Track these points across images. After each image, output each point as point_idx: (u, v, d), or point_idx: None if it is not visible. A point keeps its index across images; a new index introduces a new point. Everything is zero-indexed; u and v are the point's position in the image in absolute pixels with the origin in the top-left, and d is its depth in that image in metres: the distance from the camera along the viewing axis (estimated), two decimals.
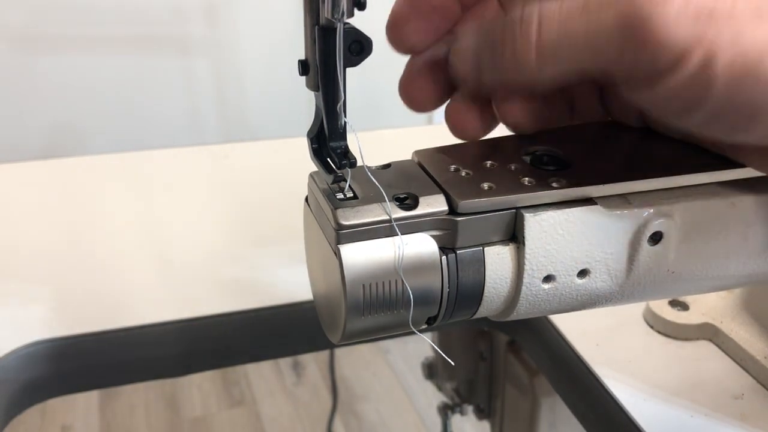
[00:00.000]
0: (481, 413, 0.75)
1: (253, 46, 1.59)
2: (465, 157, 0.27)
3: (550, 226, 0.25)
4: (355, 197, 0.25)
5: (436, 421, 0.78)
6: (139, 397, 1.58)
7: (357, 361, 1.68)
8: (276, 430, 1.51)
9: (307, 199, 0.28)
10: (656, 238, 0.26)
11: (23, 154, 1.50)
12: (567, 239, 0.25)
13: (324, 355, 1.53)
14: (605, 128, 0.29)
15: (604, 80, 0.24)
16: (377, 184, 0.24)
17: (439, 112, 0.28)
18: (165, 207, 0.69)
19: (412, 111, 0.28)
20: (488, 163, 0.26)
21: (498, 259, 0.25)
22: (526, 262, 0.25)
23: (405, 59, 0.27)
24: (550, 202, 0.25)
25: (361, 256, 0.24)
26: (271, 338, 0.60)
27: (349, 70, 0.24)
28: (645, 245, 0.26)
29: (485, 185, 0.25)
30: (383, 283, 0.24)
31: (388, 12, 0.26)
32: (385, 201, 0.24)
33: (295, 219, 0.30)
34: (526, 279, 0.25)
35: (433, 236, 0.24)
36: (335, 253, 0.24)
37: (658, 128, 0.28)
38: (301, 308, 0.58)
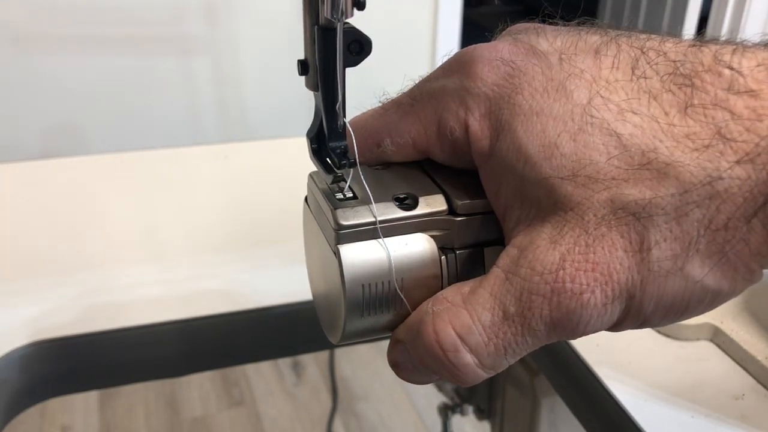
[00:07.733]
0: (481, 413, 0.75)
1: (253, 46, 1.59)
2: None
3: None
4: (354, 197, 0.24)
5: (436, 421, 0.78)
6: (139, 397, 1.58)
7: (357, 361, 1.68)
8: (276, 430, 1.51)
9: (306, 199, 0.28)
10: None
11: (23, 154, 1.50)
12: None
13: (324, 355, 1.53)
14: None
15: None
16: (365, 185, 0.24)
17: None
18: (165, 207, 0.69)
19: None
20: None
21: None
22: None
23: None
24: None
25: (361, 256, 0.24)
26: (271, 338, 0.60)
27: (348, 69, 0.24)
28: None
29: None
30: (383, 283, 0.24)
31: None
32: (372, 203, 0.24)
33: (295, 219, 0.30)
34: None
35: (433, 236, 0.24)
36: (335, 254, 0.24)
37: None
38: (301, 308, 0.57)
